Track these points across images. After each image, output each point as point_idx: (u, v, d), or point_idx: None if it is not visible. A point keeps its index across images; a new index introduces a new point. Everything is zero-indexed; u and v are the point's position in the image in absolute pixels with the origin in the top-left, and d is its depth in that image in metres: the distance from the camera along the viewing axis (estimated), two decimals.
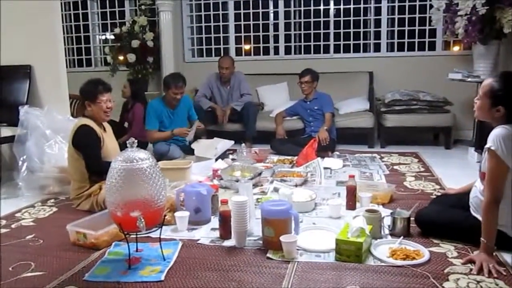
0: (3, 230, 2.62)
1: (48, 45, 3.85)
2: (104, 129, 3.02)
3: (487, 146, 1.99)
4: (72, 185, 2.98)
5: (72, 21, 6.44)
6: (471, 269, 1.93)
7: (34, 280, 1.97)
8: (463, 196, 2.37)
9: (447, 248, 2.16)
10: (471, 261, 1.98)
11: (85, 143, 2.86)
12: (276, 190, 3.05)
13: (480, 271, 1.90)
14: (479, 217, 2.07)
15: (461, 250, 2.14)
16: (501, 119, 2.03)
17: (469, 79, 4.35)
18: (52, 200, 3.20)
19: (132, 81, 4.94)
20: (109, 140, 3.01)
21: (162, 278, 1.93)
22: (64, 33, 4.15)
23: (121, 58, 5.83)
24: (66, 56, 4.46)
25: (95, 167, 2.83)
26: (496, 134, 1.97)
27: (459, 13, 4.26)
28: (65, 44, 4.47)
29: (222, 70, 4.94)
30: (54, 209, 3.02)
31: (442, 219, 2.28)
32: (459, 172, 3.64)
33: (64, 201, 3.17)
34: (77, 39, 6.52)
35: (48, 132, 3.48)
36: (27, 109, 3.55)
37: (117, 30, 5.82)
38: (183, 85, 4.15)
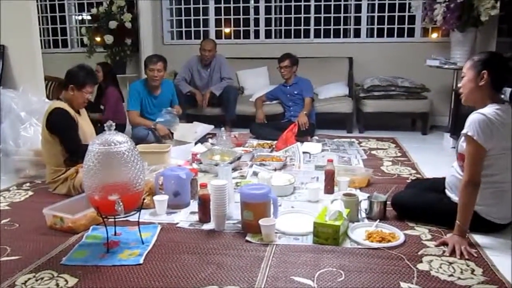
0: None
1: (22, 25, 3.74)
2: (79, 113, 2.96)
3: (464, 131, 2.04)
4: (47, 169, 2.93)
5: (47, 0, 6.24)
6: (444, 251, 1.99)
7: (10, 265, 1.95)
8: (438, 180, 2.44)
9: (422, 231, 2.22)
10: (444, 243, 2.04)
11: (61, 126, 2.80)
12: (255, 174, 3.07)
13: (452, 253, 1.97)
14: (454, 197, 2.13)
15: (435, 232, 2.20)
16: (487, 91, 2.07)
17: (446, 66, 4.42)
18: (27, 184, 3.14)
19: (104, 64, 4.84)
20: (84, 123, 2.96)
21: (141, 261, 1.93)
22: (39, 13, 4.03)
23: (98, 39, 5.69)
24: (41, 36, 4.35)
25: (74, 149, 2.77)
26: (472, 119, 2.02)
27: (437, 0, 4.30)
28: (40, 24, 4.36)
29: (204, 52, 4.89)
30: (30, 193, 2.97)
31: (417, 203, 2.33)
32: (435, 157, 3.72)
33: (40, 184, 3.12)
34: (52, 19, 6.33)
35: (23, 114, 3.40)
36: (1, 91, 3.45)
37: (94, 11, 5.66)
38: (159, 61, 4.05)
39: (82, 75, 2.86)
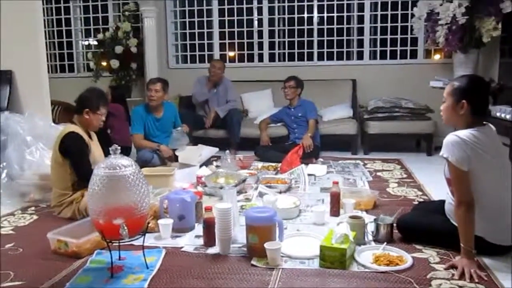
0: None
1: (30, 50, 3.80)
2: (90, 137, 2.99)
3: (440, 154, 2.05)
4: (53, 192, 2.92)
5: (55, 26, 6.36)
6: (453, 274, 1.96)
7: None
8: (444, 202, 2.41)
9: (430, 254, 2.18)
10: (453, 266, 2.01)
11: (74, 150, 2.81)
12: (261, 195, 3.05)
13: (462, 276, 1.93)
14: (455, 223, 2.10)
15: (443, 255, 2.16)
16: (466, 118, 2.08)
17: None
18: (32, 208, 3.13)
19: (114, 87, 4.91)
20: (95, 147, 2.98)
21: (145, 286, 1.90)
22: (46, 38, 4.10)
23: (104, 64, 5.78)
24: (48, 61, 4.42)
25: (84, 175, 2.75)
26: (446, 141, 2.04)
27: (439, 22, 4.35)
28: (47, 50, 4.44)
29: (214, 68, 4.94)
30: (35, 217, 2.96)
31: (422, 225, 2.31)
32: (441, 178, 3.66)
33: (45, 208, 3.11)
34: (59, 45, 6.45)
35: (29, 138, 3.42)
36: (7, 115, 3.49)
37: (100, 36, 5.77)
38: (157, 82, 4.10)
39: (94, 98, 2.94)
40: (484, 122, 2.12)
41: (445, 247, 2.21)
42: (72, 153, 2.81)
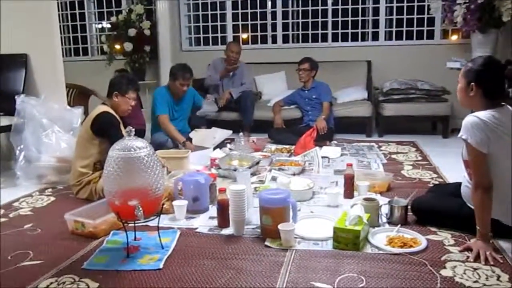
0: (1, 220, 2.62)
1: (44, 34, 3.81)
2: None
3: (459, 135, 2.00)
4: (73, 171, 2.97)
5: (68, 9, 6.36)
6: (468, 257, 1.94)
7: (32, 269, 1.97)
8: (460, 185, 2.38)
9: (444, 236, 2.17)
10: (468, 249, 1.99)
11: (110, 126, 2.88)
12: (274, 179, 3.05)
13: (477, 259, 1.92)
14: (472, 206, 2.07)
15: (458, 238, 2.15)
16: (479, 100, 2.03)
17: None
18: (49, 190, 3.19)
19: (121, 71, 4.92)
20: (122, 130, 3.02)
21: (161, 266, 1.93)
22: (60, 22, 4.09)
23: (117, 47, 5.77)
24: (62, 45, 4.43)
25: None
26: (465, 122, 1.99)
27: (457, 1, 4.25)
28: (61, 33, 4.45)
29: (232, 54, 4.95)
30: (52, 198, 3.02)
31: (438, 208, 2.29)
32: (456, 161, 3.61)
33: (62, 190, 3.17)
34: (73, 28, 6.46)
35: (45, 121, 3.46)
36: (23, 98, 3.52)
37: (113, 19, 5.75)
38: (191, 77, 4.17)
39: (124, 82, 3.05)
40: (502, 103, 2.07)
41: (460, 230, 2.20)
42: (108, 129, 2.87)
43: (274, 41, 5.88)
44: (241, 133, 4.06)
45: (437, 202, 2.34)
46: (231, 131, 4.32)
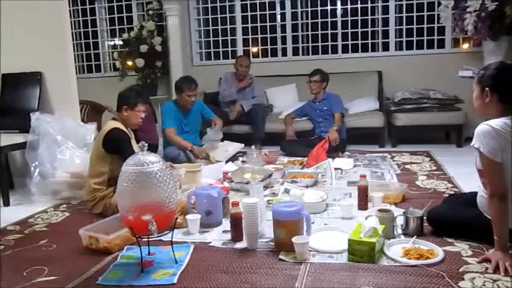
0: (16, 236, 2.64)
1: (58, 52, 3.88)
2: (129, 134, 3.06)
3: (471, 144, 1.97)
4: (86, 187, 2.99)
5: (81, 27, 6.48)
6: (486, 268, 1.90)
7: (48, 285, 1.98)
8: (476, 194, 2.34)
9: (462, 247, 2.13)
10: (487, 260, 1.95)
11: (120, 143, 2.88)
12: (287, 191, 3.04)
13: (496, 270, 1.87)
14: (488, 216, 2.04)
15: (476, 248, 2.11)
16: (495, 107, 2.00)
17: None
18: (64, 205, 3.22)
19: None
20: (134, 144, 3.03)
21: (175, 281, 1.93)
22: (73, 40, 4.17)
23: (129, 63, 5.86)
24: (75, 62, 4.50)
25: None
26: (477, 131, 1.96)
27: (468, 9, 4.23)
28: (74, 51, 4.52)
29: (241, 68, 5.02)
30: (67, 214, 3.04)
31: (454, 218, 2.25)
32: (471, 170, 3.56)
33: (76, 206, 3.19)
34: (86, 45, 6.57)
35: (59, 137, 3.50)
36: (38, 116, 3.58)
37: (125, 35, 5.85)
38: (196, 87, 4.18)
39: (133, 95, 3.03)
40: None
41: (477, 240, 2.16)
42: (119, 145, 2.86)
43: (284, 53, 5.91)
44: (253, 146, 4.07)
45: (453, 212, 2.30)
46: (243, 144, 4.33)
